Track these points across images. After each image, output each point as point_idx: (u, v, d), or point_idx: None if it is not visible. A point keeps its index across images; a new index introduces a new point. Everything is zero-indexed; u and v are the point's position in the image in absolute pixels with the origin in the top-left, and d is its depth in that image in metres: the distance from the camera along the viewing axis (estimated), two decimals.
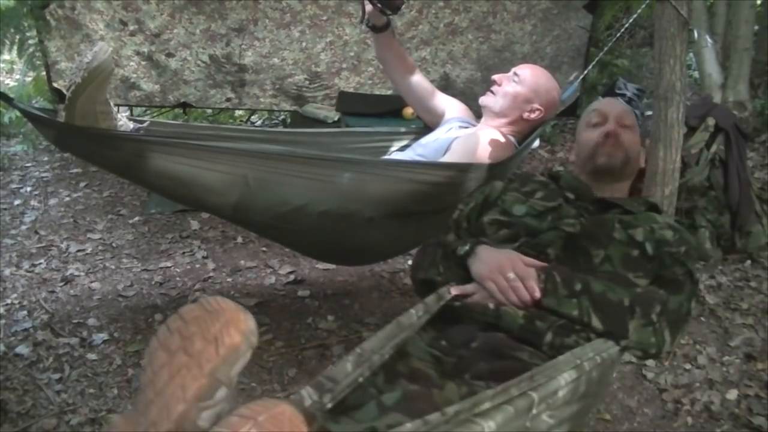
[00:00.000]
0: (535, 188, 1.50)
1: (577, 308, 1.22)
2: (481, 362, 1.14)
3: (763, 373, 2.14)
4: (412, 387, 1.05)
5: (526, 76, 2.03)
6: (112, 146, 1.81)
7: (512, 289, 1.25)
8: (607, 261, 1.32)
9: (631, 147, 1.52)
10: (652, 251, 1.33)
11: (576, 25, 3.56)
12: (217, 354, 0.84)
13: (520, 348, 1.19)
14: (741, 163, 2.93)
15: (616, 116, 1.54)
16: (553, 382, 1.05)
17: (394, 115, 3.36)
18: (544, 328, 1.21)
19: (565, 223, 1.37)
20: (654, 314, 1.23)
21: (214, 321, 0.86)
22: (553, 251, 1.35)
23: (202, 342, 0.85)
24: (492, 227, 1.45)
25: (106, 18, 3.13)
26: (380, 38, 2.12)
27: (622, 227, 1.36)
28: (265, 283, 2.65)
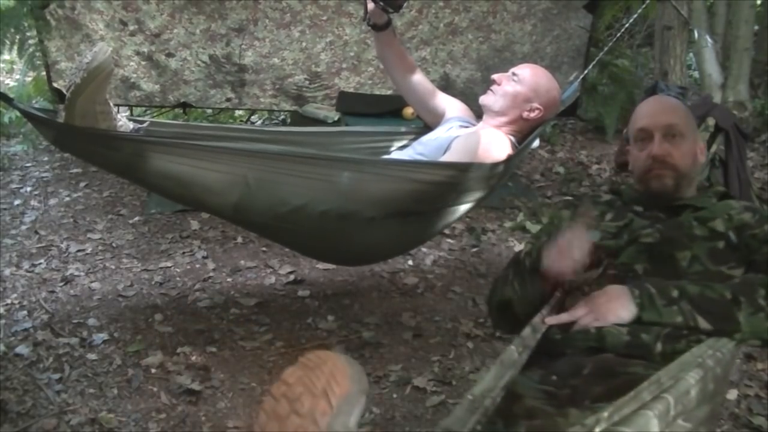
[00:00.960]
0: (603, 211, 1.47)
1: (680, 314, 1.20)
2: (596, 386, 1.10)
3: (763, 373, 2.14)
4: (534, 422, 1.02)
5: (525, 75, 2.03)
6: (112, 146, 1.81)
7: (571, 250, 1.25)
8: (696, 261, 1.29)
9: (683, 161, 1.44)
10: (736, 239, 1.30)
11: (576, 25, 3.56)
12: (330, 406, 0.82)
13: (632, 363, 1.16)
14: (741, 163, 2.93)
15: (662, 129, 1.44)
16: (682, 382, 1.02)
17: (394, 115, 3.36)
18: (652, 339, 1.19)
19: (643, 235, 1.35)
20: (760, 299, 1.19)
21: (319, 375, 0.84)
22: (641, 266, 1.32)
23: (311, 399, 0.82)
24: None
25: (106, 18, 3.13)
26: (381, 37, 2.13)
27: (700, 223, 1.34)
28: (265, 283, 2.65)
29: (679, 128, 1.45)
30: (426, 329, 2.33)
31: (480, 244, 3.04)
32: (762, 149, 3.88)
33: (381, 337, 2.27)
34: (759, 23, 3.81)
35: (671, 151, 1.43)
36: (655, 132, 1.44)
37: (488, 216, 3.33)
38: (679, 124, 1.45)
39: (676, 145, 1.44)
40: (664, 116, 1.47)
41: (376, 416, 1.89)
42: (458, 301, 2.54)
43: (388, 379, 2.04)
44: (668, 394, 0.98)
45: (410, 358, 2.16)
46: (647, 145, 1.45)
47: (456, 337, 2.29)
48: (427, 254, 2.90)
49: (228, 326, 2.30)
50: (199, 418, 1.85)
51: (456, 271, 2.79)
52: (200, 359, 2.10)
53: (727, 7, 3.31)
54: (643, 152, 1.45)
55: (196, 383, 1.97)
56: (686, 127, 1.47)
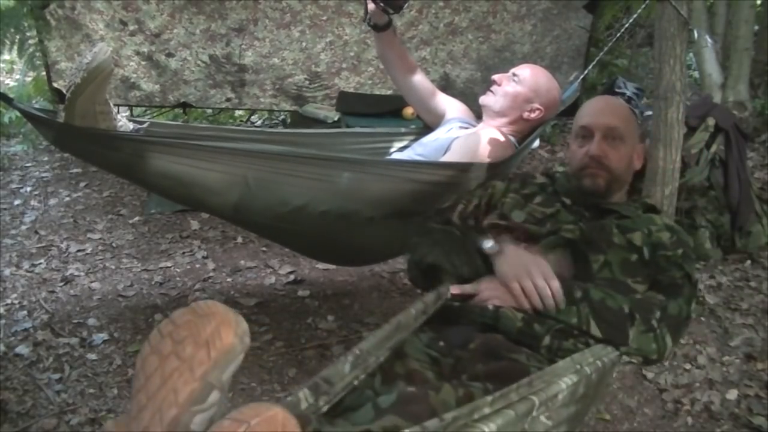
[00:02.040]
0: (534, 191, 1.49)
1: (576, 316, 1.22)
2: (479, 363, 1.14)
3: (763, 373, 2.14)
4: (408, 389, 1.04)
5: (526, 76, 2.03)
6: (112, 146, 1.81)
7: (542, 298, 1.23)
8: (606, 267, 1.32)
9: (618, 165, 1.46)
10: (648, 255, 1.33)
11: (576, 25, 3.56)
12: (209, 358, 0.84)
13: (517, 350, 1.19)
14: (741, 163, 2.93)
15: (603, 130, 1.46)
16: (553, 386, 1.05)
17: (394, 115, 3.36)
18: (543, 331, 1.21)
19: (565, 229, 1.37)
20: (654, 320, 1.23)
21: (206, 324, 0.86)
22: (553, 258, 1.34)
23: (194, 346, 0.84)
24: (492, 231, 1.44)
25: (106, 18, 3.13)
26: (382, 37, 2.13)
27: (620, 231, 1.35)
28: (265, 283, 2.65)
29: (619, 131, 1.47)
30: None
31: None
32: (762, 149, 3.88)
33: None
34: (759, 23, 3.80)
35: (608, 152, 1.45)
36: (596, 131, 1.46)
37: None
38: (620, 128, 1.47)
39: (615, 147, 1.46)
40: (607, 117, 1.49)
41: None
42: None
43: None
44: (535, 396, 1.01)
45: None
46: (586, 143, 1.47)
47: None
48: None
49: None
50: None
51: None
52: None
53: (727, 7, 3.31)
54: (582, 149, 1.48)
55: None
56: (627, 131, 1.49)
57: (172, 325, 0.88)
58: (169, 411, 0.82)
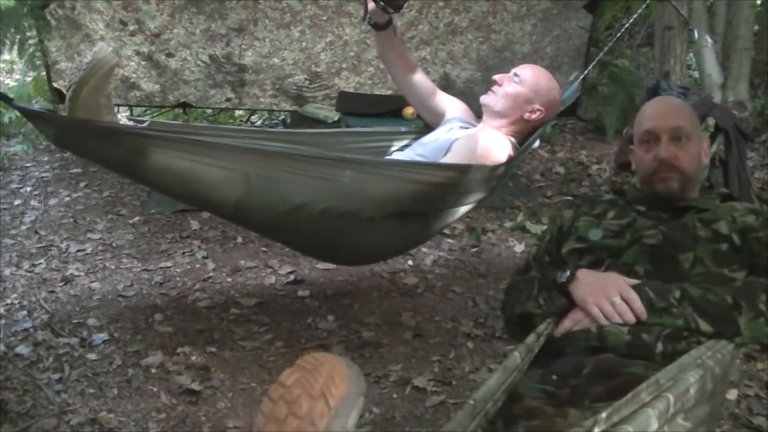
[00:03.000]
0: (605, 209, 1.47)
1: (681, 317, 1.20)
2: (597, 386, 1.11)
3: (763, 373, 2.13)
4: (533, 422, 1.02)
5: (526, 76, 2.02)
6: (113, 141, 1.80)
7: (619, 313, 1.22)
8: (699, 262, 1.29)
9: (689, 164, 1.43)
10: (739, 241, 1.30)
11: (576, 25, 3.56)
12: (329, 407, 0.82)
13: (632, 363, 1.16)
14: (741, 163, 2.93)
15: (670, 131, 1.43)
16: (682, 381, 1.02)
17: (394, 115, 3.36)
18: (653, 339, 1.19)
19: (646, 236, 1.35)
20: (761, 304, 1.20)
21: (317, 377, 0.84)
22: (642, 267, 1.32)
23: (309, 401, 0.82)
24: (572, 256, 1.41)
25: (106, 18, 3.14)
26: (382, 36, 2.13)
27: (704, 224, 1.33)
28: (265, 283, 2.65)
29: (685, 131, 1.44)
30: (426, 329, 2.33)
31: (480, 244, 3.04)
32: (762, 149, 3.88)
33: (381, 337, 2.27)
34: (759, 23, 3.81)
35: (678, 153, 1.42)
36: (662, 134, 1.43)
37: (488, 216, 3.33)
38: (686, 127, 1.45)
39: (683, 147, 1.43)
40: (670, 118, 1.46)
41: (376, 416, 1.88)
42: (458, 301, 2.54)
43: (388, 379, 2.04)
44: (668, 393, 0.98)
45: (410, 358, 2.16)
46: (653, 147, 1.44)
47: (456, 337, 2.29)
48: (427, 254, 2.90)
49: (228, 326, 2.30)
50: (199, 418, 1.85)
51: (456, 271, 2.79)
52: (200, 359, 2.10)
53: (727, 7, 3.31)
54: (650, 154, 1.44)
55: (196, 383, 1.97)
56: (692, 129, 1.47)
57: (282, 387, 0.86)
58: None
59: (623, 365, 1.16)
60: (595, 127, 4.68)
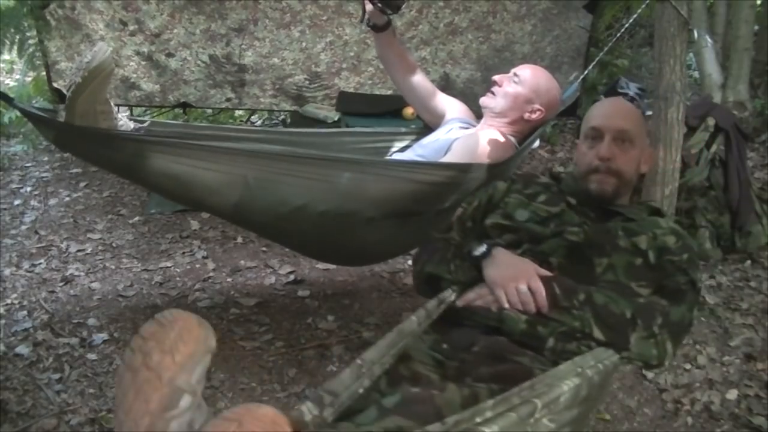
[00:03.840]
0: (537, 191, 1.48)
1: (579, 320, 1.22)
2: (483, 366, 1.14)
3: (763, 373, 2.14)
4: (413, 390, 1.04)
5: (526, 76, 2.02)
6: (112, 146, 1.81)
7: (522, 303, 1.24)
8: (610, 270, 1.31)
9: (627, 168, 1.45)
10: (654, 259, 1.32)
11: (576, 25, 3.56)
12: (174, 362, 0.86)
13: (521, 352, 1.19)
14: (741, 163, 2.93)
15: (614, 132, 1.44)
16: (555, 389, 1.05)
17: (394, 115, 3.36)
18: (547, 333, 1.22)
19: (569, 231, 1.36)
20: (656, 326, 1.23)
21: (169, 332, 0.89)
22: (556, 259, 1.34)
23: (160, 354, 0.87)
24: (494, 231, 1.43)
25: (106, 18, 3.13)
26: (381, 38, 2.13)
27: (626, 235, 1.35)
28: (265, 283, 2.65)
29: (630, 134, 1.46)
30: None
31: None
32: (762, 149, 3.88)
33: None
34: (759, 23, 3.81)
35: (618, 155, 1.44)
36: (606, 133, 1.45)
37: None
38: (630, 131, 1.46)
39: (624, 150, 1.45)
40: (617, 119, 1.47)
41: None
42: None
43: None
44: (537, 399, 1.01)
45: None
46: (596, 144, 1.46)
47: None
48: None
49: (228, 326, 2.30)
50: None
51: None
52: None
53: (727, 7, 3.31)
54: (592, 151, 1.46)
55: None
56: (637, 133, 1.48)
57: (141, 338, 0.90)
58: (143, 420, 0.84)
59: (513, 352, 1.19)
60: None
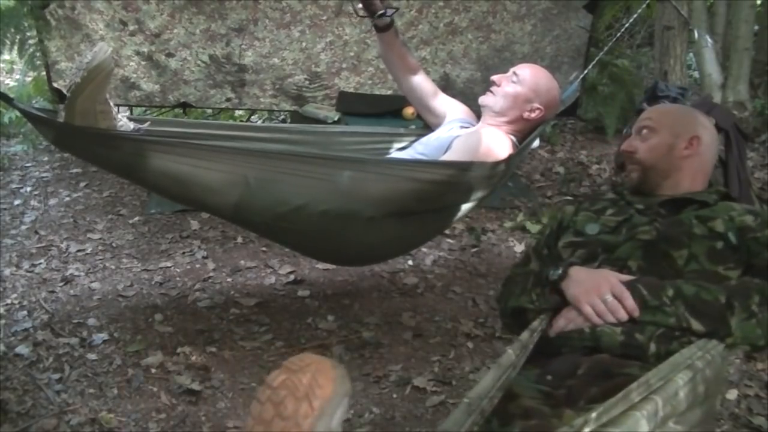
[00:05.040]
0: (605, 206, 1.48)
1: (674, 316, 1.20)
2: (592, 387, 1.11)
3: (763, 373, 2.14)
4: (529, 422, 1.03)
5: (525, 76, 2.02)
6: (112, 146, 1.81)
7: (611, 311, 1.22)
8: (693, 259, 1.29)
9: (648, 154, 1.46)
10: (736, 240, 1.30)
11: (576, 25, 3.56)
12: (312, 408, 0.83)
13: (627, 365, 1.16)
14: (741, 163, 2.92)
15: (637, 129, 1.50)
16: (670, 383, 1.02)
17: (394, 115, 3.36)
18: (646, 339, 1.19)
19: (640, 231, 1.35)
20: (754, 305, 1.19)
21: (302, 378, 0.85)
22: (635, 263, 1.32)
23: (294, 402, 0.84)
24: (567, 250, 1.42)
25: (106, 18, 3.13)
26: (383, 38, 2.13)
27: (700, 222, 1.33)
28: (265, 283, 2.65)
29: (650, 124, 1.49)
30: (426, 329, 2.33)
31: (480, 244, 3.04)
32: (762, 149, 3.88)
33: (381, 337, 2.27)
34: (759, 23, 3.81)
35: (637, 146, 1.47)
36: (634, 132, 1.51)
37: (488, 216, 3.33)
38: (651, 120, 1.49)
39: (645, 139, 1.48)
40: (643, 119, 1.52)
41: (376, 416, 1.88)
42: (458, 301, 2.54)
43: (388, 379, 2.04)
44: (656, 395, 0.98)
45: (410, 358, 2.16)
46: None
47: (456, 337, 2.29)
48: (427, 254, 2.90)
49: (228, 326, 2.30)
50: (199, 418, 1.85)
51: (456, 271, 2.79)
52: (200, 359, 2.10)
53: (727, 7, 3.31)
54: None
55: (196, 383, 1.97)
56: (660, 123, 1.49)
57: (269, 389, 0.87)
58: None
59: (619, 366, 1.16)
60: (595, 127, 4.68)
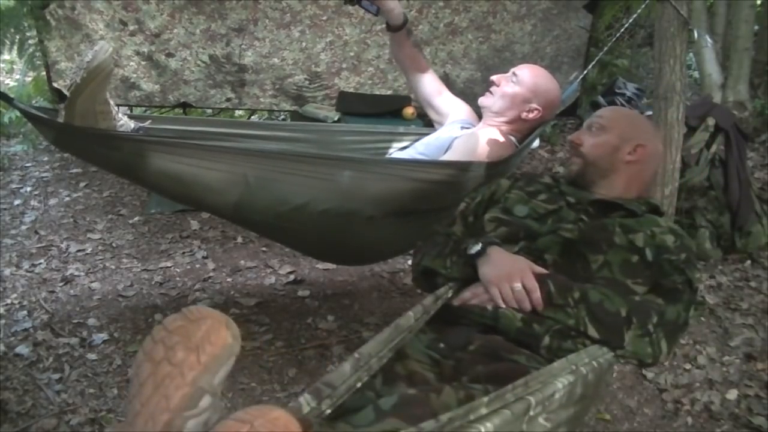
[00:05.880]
0: (538, 189, 1.49)
1: (574, 318, 1.22)
2: (479, 365, 1.14)
3: (763, 373, 2.14)
4: (409, 391, 1.04)
5: (524, 76, 2.02)
6: (112, 146, 1.81)
7: (516, 300, 1.24)
8: (606, 267, 1.31)
9: (592, 150, 1.47)
10: (651, 257, 1.32)
11: (576, 25, 3.56)
12: (199, 362, 0.85)
13: (517, 351, 1.19)
14: (741, 163, 2.93)
15: (588, 123, 1.53)
16: (549, 386, 1.05)
17: (394, 115, 3.36)
18: (542, 331, 1.22)
19: (564, 228, 1.37)
20: (651, 325, 1.23)
21: (196, 330, 0.87)
22: (551, 256, 1.34)
23: (185, 351, 0.86)
24: (491, 224, 1.44)
25: (106, 18, 3.13)
26: (394, 38, 2.15)
27: (623, 231, 1.35)
28: (265, 283, 2.65)
29: (601, 121, 1.51)
30: None
31: None
32: (762, 149, 3.88)
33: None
34: (759, 23, 3.81)
35: (584, 139, 1.49)
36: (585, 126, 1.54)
37: None
38: (603, 118, 1.51)
39: (593, 135, 1.50)
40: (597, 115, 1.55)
41: None
42: None
43: None
44: (531, 396, 1.01)
45: None
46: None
47: None
48: None
49: None
50: None
51: None
52: None
53: (727, 7, 3.31)
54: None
55: None
56: (611, 123, 1.51)
57: (165, 330, 0.89)
58: (162, 416, 0.83)
59: (509, 350, 1.19)
60: None
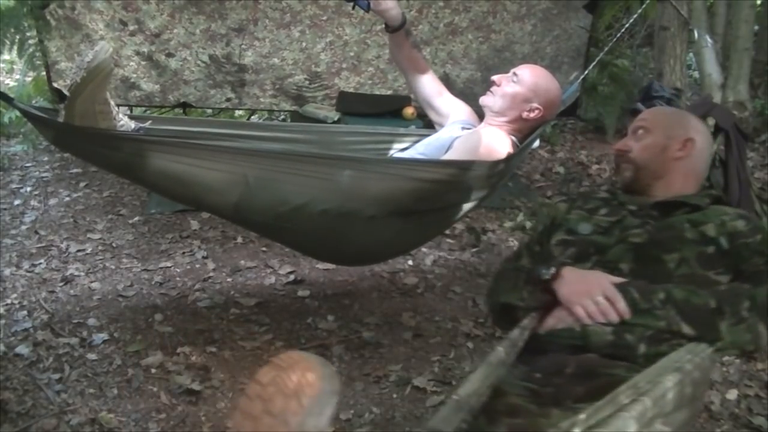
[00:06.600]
0: (597, 205, 1.49)
1: (664, 319, 1.20)
2: (579, 386, 1.11)
3: (763, 373, 2.14)
4: (515, 421, 1.03)
5: (525, 76, 2.02)
6: (111, 146, 1.81)
7: (602, 314, 1.22)
8: (684, 263, 1.29)
9: (640, 154, 1.47)
10: (727, 245, 1.31)
11: (576, 25, 3.56)
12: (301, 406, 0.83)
13: (614, 365, 1.17)
14: (741, 163, 2.92)
15: (631, 129, 1.52)
16: (659, 385, 1.02)
17: (394, 115, 3.36)
18: (635, 340, 1.19)
19: (632, 234, 1.36)
20: (744, 311, 1.20)
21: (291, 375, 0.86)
22: (626, 265, 1.32)
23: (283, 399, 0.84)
24: (559, 248, 1.42)
25: (106, 18, 3.14)
26: (393, 38, 2.14)
27: (692, 226, 1.34)
28: (265, 283, 2.65)
29: (644, 125, 1.50)
30: (426, 329, 2.33)
31: (480, 244, 3.04)
32: (762, 149, 3.88)
33: (381, 337, 2.27)
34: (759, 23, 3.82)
35: (631, 145, 1.49)
36: (629, 132, 1.53)
37: (488, 216, 3.33)
38: (646, 121, 1.51)
39: (638, 139, 1.49)
40: (638, 119, 1.54)
41: (376, 416, 1.89)
42: (458, 301, 2.54)
43: (388, 379, 2.04)
44: (645, 397, 0.99)
45: (410, 358, 2.16)
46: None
47: (456, 337, 2.29)
48: (427, 254, 2.90)
49: (228, 326, 2.30)
50: (199, 418, 1.85)
51: (456, 271, 2.79)
52: (200, 359, 2.10)
53: (727, 7, 3.31)
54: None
55: (196, 383, 1.97)
56: (655, 124, 1.50)
57: (259, 385, 0.87)
58: None
59: (606, 366, 1.17)
60: (595, 127, 4.68)
